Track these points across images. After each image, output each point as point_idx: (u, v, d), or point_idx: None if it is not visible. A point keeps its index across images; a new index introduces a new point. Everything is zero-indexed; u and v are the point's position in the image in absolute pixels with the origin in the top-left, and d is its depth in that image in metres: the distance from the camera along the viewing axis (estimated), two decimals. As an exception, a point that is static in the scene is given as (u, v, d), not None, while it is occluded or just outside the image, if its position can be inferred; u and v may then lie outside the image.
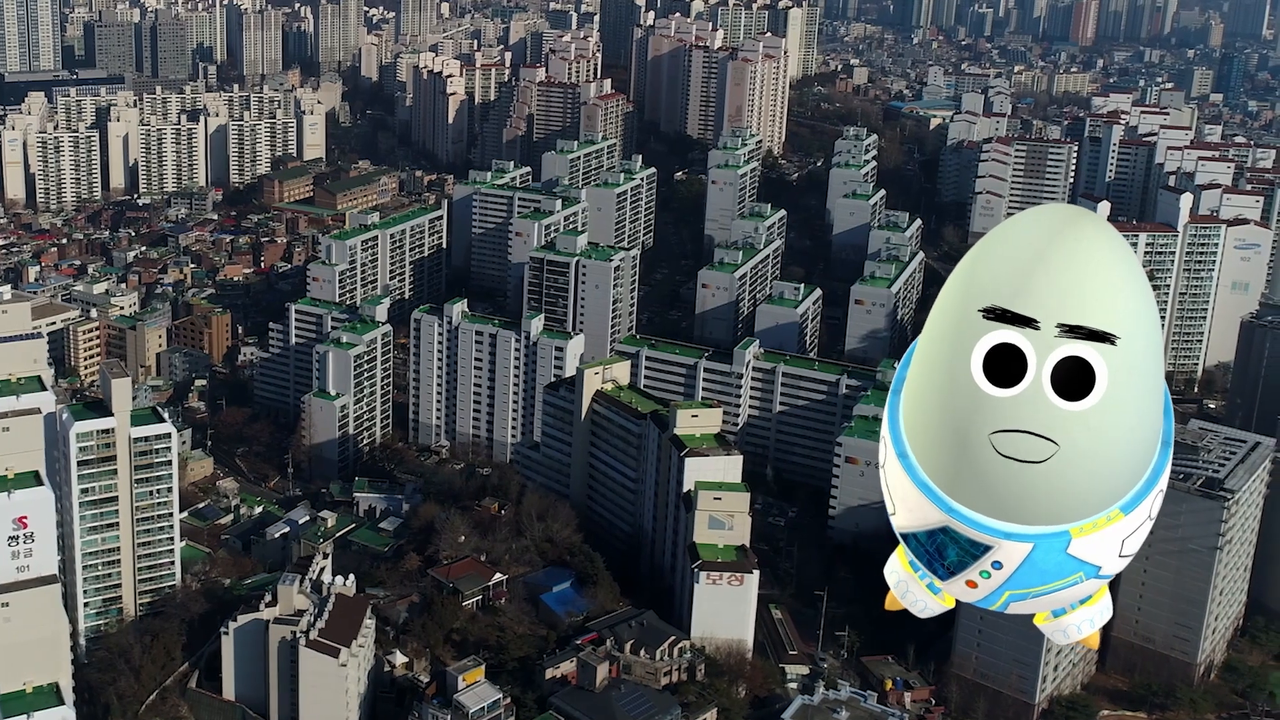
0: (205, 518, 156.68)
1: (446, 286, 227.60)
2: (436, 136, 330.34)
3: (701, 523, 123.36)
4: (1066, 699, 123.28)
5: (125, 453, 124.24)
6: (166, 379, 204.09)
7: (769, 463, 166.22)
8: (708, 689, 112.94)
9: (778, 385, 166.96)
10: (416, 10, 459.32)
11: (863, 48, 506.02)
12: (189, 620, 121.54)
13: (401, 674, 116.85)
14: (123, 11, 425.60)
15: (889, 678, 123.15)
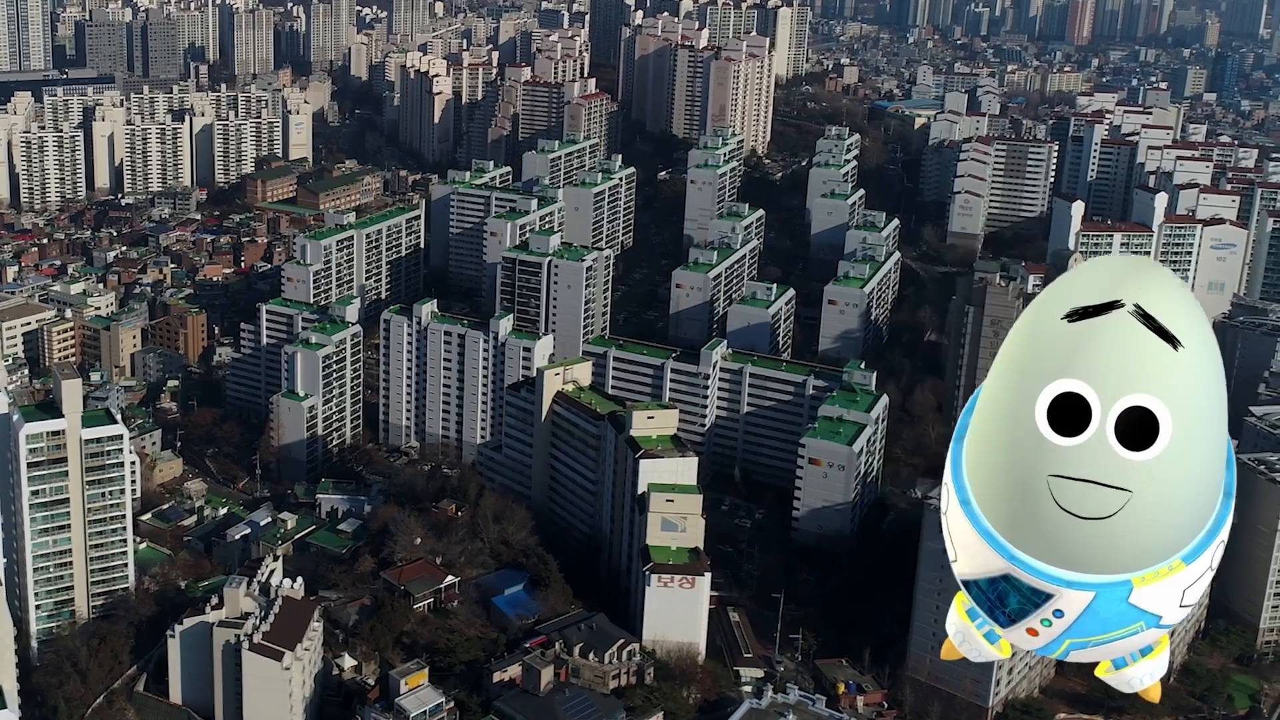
0: (168, 519, 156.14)
1: (424, 287, 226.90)
2: (423, 136, 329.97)
3: (654, 525, 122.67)
4: (1021, 703, 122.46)
5: (76, 454, 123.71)
6: (140, 379, 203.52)
7: (737, 463, 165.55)
8: (655, 692, 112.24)
9: (745, 386, 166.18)
10: (409, 10, 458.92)
11: (858, 47, 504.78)
12: (139, 623, 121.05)
13: (350, 677, 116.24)
14: (114, 11, 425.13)
15: (842, 681, 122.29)
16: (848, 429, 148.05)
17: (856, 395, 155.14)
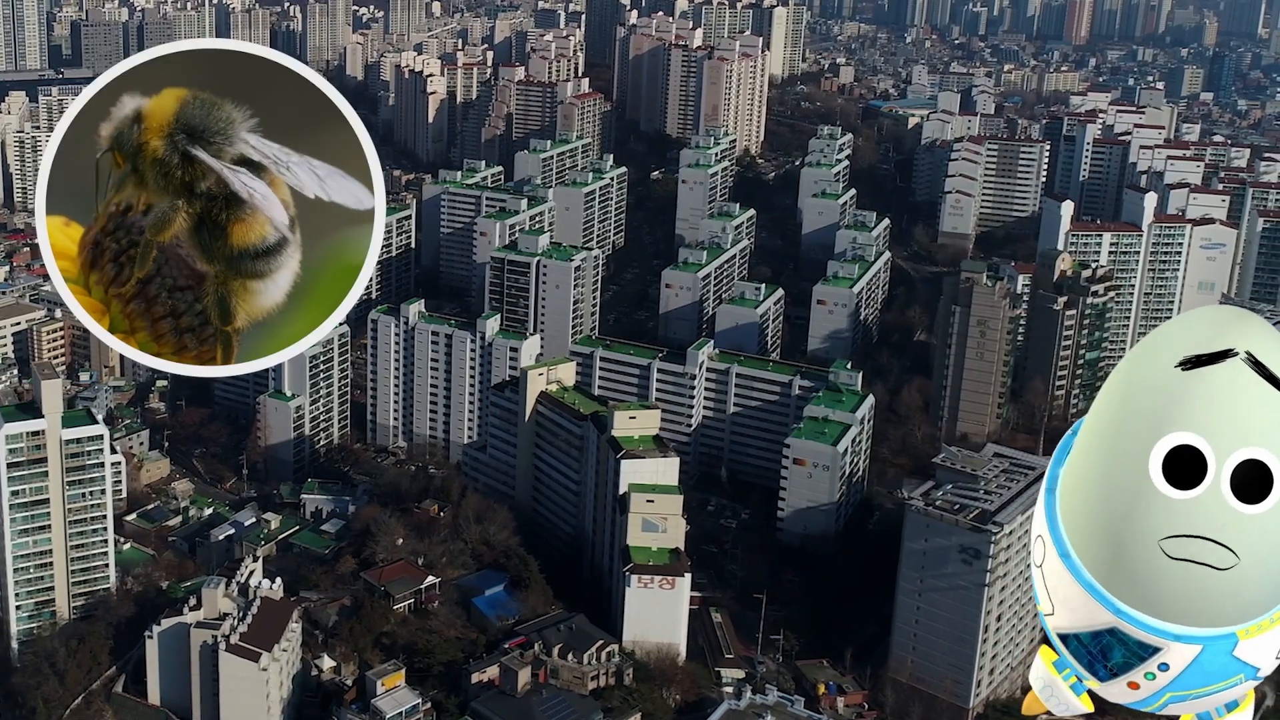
0: (153, 519, 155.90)
1: (415, 286, 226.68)
2: (417, 136, 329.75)
3: (635, 525, 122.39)
4: (1002, 703, 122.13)
5: (56, 455, 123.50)
6: (129, 380, 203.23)
7: (723, 464, 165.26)
8: (634, 693, 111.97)
9: (731, 386, 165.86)
10: (405, 10, 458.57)
11: (855, 47, 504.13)
12: (118, 624, 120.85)
13: (329, 678, 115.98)
14: (110, 11, 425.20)
15: (822, 682, 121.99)
16: (833, 429, 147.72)
17: (842, 395, 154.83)
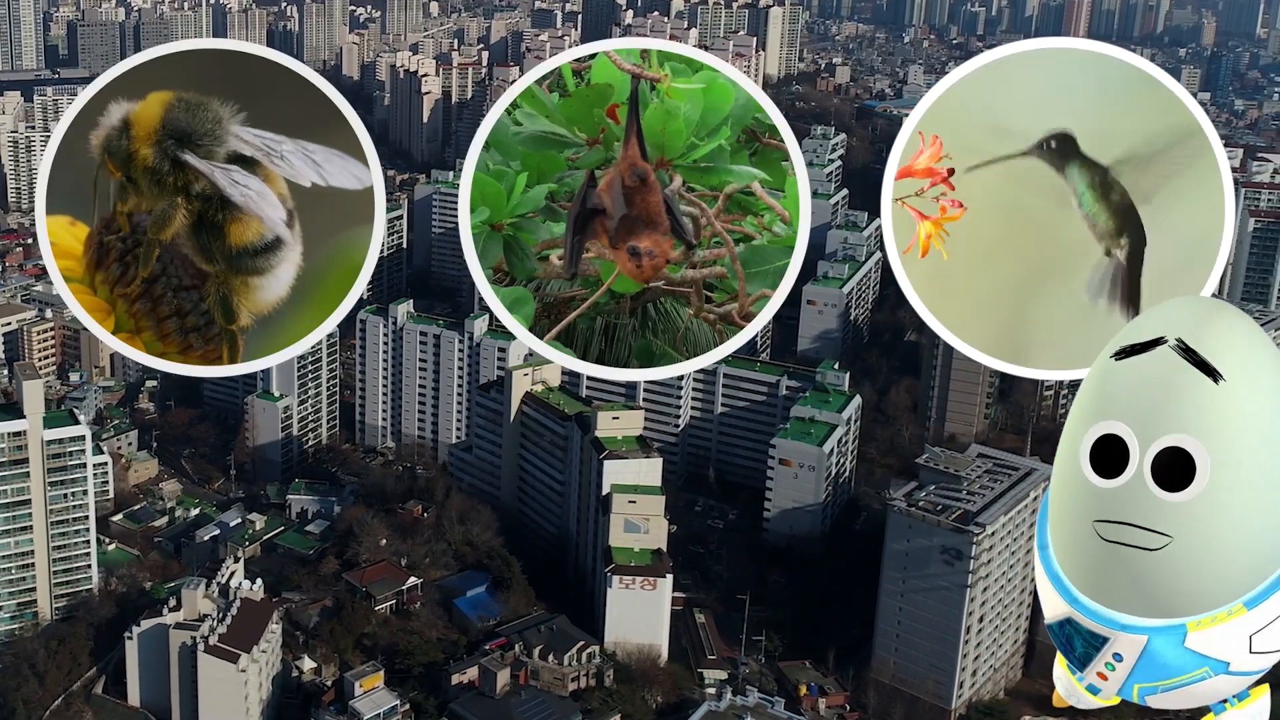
0: (139, 520, 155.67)
1: (407, 287, 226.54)
2: (412, 136, 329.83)
3: (617, 526, 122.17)
4: (985, 704, 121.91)
5: (38, 455, 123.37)
6: (119, 380, 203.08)
7: (711, 464, 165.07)
8: (614, 695, 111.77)
9: (719, 387, 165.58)
10: (402, 10, 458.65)
11: (853, 47, 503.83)
12: (99, 625, 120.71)
13: (309, 679, 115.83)
14: (106, 10, 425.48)
15: (803, 683, 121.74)
16: (819, 430, 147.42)
17: (829, 396, 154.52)
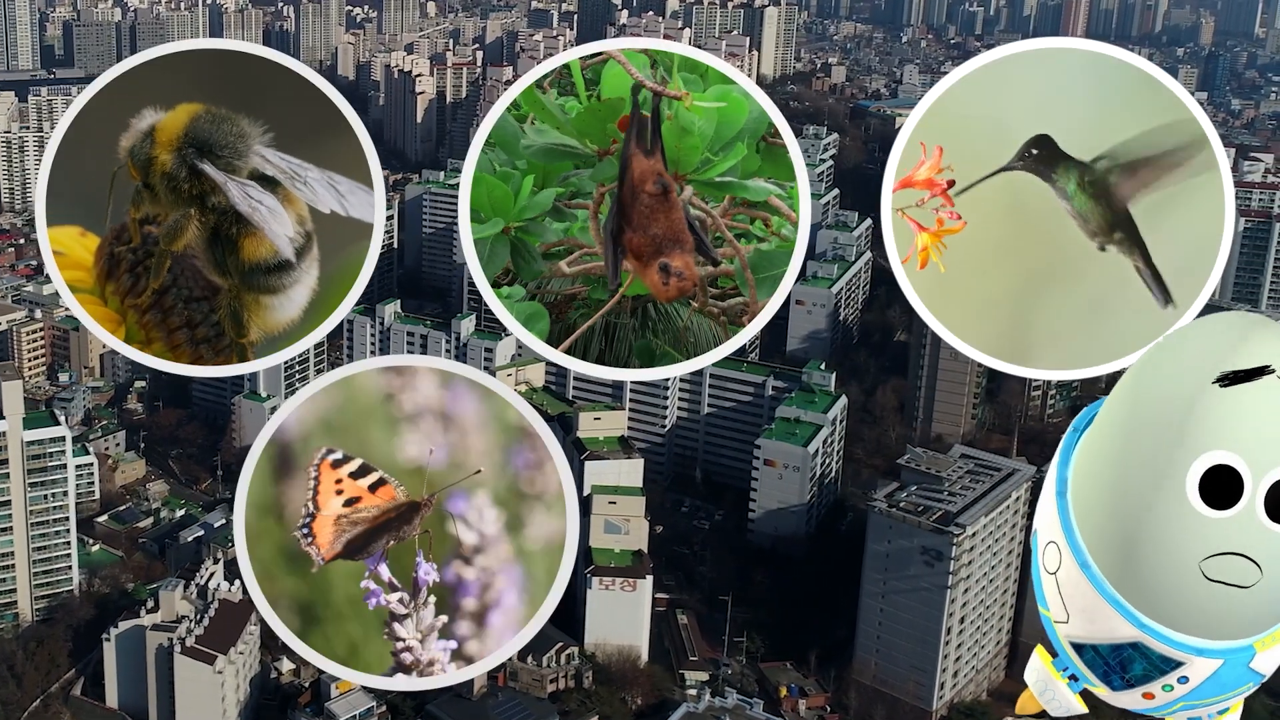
0: (124, 521, 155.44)
1: (398, 287, 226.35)
2: (406, 136, 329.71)
3: (597, 527, 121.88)
4: (966, 705, 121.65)
5: (18, 456, 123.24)
6: (109, 380, 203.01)
7: (698, 465, 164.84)
8: (592, 696, 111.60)
9: (705, 388, 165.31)
10: (399, 10, 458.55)
11: (851, 46, 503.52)
12: (78, 626, 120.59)
13: (289, 680, 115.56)
14: (102, 10, 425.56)
15: (784, 684, 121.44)
16: (804, 430, 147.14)
17: (815, 396, 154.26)
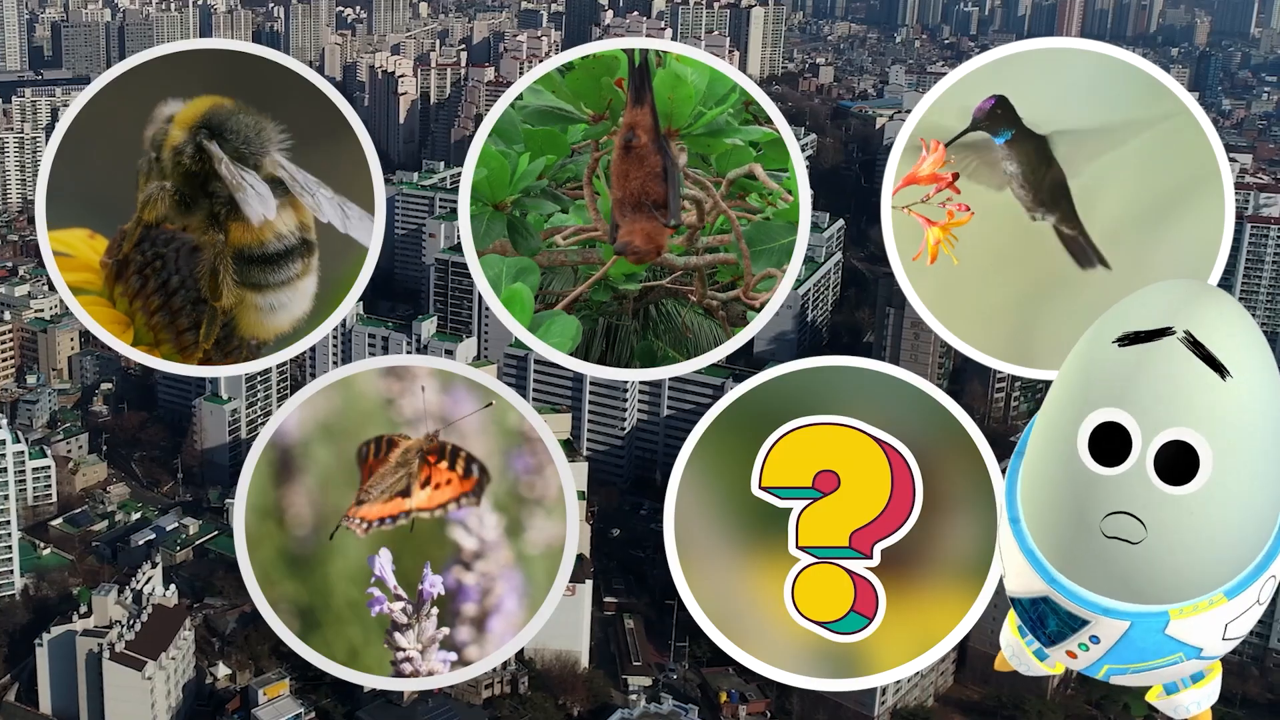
0: (78, 524, 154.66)
1: (371, 288, 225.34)
2: (389, 136, 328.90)
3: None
4: (910, 710, 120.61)
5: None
6: (76, 382, 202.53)
7: (658, 467, 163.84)
8: (526, 703, 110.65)
9: (665, 390, 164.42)
10: (389, 10, 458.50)
11: (844, 47, 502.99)
12: (14, 632, 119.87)
13: (224, 686, 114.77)
14: (91, 12, 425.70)
15: (724, 690, 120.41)
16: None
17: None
